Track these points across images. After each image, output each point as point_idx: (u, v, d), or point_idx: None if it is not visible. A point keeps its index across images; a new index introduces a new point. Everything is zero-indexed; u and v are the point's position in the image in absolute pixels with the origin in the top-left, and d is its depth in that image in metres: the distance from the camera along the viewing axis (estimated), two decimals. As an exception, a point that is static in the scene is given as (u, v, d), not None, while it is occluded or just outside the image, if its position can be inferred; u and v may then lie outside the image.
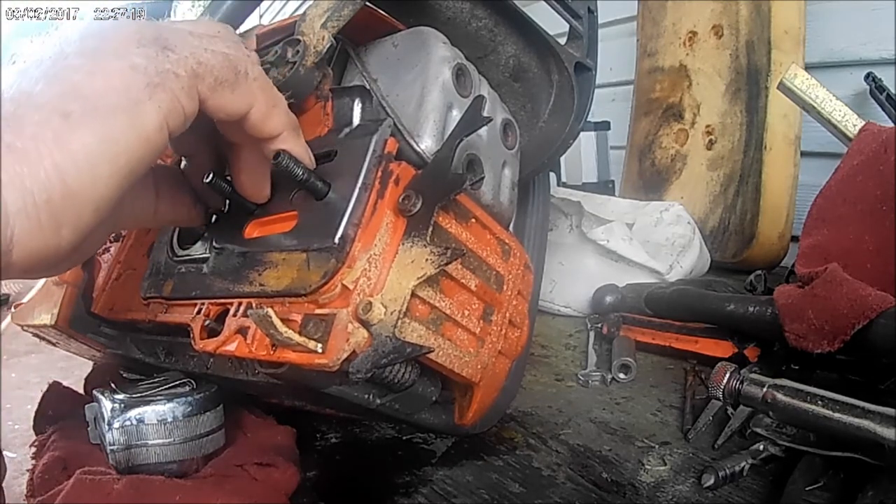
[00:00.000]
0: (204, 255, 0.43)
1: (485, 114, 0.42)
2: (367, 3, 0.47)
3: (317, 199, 0.38)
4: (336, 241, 0.35)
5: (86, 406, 0.48)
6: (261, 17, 3.89)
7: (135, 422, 0.43)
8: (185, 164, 0.42)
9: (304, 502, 0.46)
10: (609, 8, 0.78)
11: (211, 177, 0.39)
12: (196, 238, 0.45)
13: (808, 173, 1.05)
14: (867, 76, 1.02)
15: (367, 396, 0.40)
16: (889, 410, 0.40)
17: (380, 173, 0.37)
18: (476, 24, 0.53)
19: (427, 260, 0.36)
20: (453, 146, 0.39)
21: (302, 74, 0.42)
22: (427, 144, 0.42)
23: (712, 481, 0.44)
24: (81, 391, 0.57)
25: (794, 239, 1.02)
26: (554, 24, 0.58)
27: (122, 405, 0.44)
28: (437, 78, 0.44)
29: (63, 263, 0.33)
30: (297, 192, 0.39)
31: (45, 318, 0.53)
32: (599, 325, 0.79)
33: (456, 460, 0.51)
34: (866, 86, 1.02)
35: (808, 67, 1.00)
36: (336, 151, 0.40)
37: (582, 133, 0.65)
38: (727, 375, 0.49)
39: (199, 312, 0.42)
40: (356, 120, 0.42)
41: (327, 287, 0.35)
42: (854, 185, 0.65)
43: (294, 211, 0.39)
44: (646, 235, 0.96)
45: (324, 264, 0.35)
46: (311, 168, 0.38)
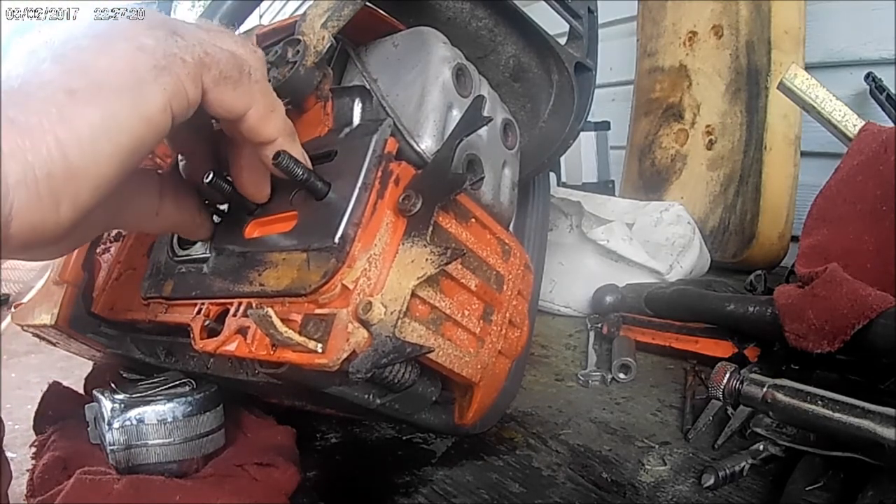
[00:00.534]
0: (204, 255, 0.43)
1: (485, 114, 0.42)
2: (367, 3, 0.47)
3: (317, 199, 0.38)
4: (336, 240, 0.35)
5: (86, 406, 0.48)
6: (261, 17, 3.89)
7: (135, 422, 0.43)
8: (183, 163, 0.42)
9: (304, 502, 0.46)
10: (609, 8, 0.78)
11: (211, 176, 0.39)
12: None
13: (808, 173, 1.05)
14: (867, 76, 1.02)
15: (367, 396, 0.40)
16: (889, 410, 0.40)
17: (380, 173, 0.37)
18: (476, 24, 0.53)
19: (427, 260, 0.36)
20: (453, 146, 0.39)
21: (302, 74, 0.42)
22: (427, 144, 0.42)
23: (712, 481, 0.44)
24: (81, 391, 0.57)
25: (794, 239, 1.02)
26: (554, 24, 0.58)
27: (122, 405, 0.44)
28: (438, 78, 0.44)
29: (61, 244, 0.33)
30: (297, 192, 0.39)
31: (45, 318, 0.53)
32: (599, 325, 0.79)
33: (456, 460, 0.51)
34: (866, 86, 1.02)
35: (808, 67, 1.00)
36: (336, 151, 0.40)
37: (582, 133, 0.65)
38: (727, 375, 0.49)
39: (199, 312, 0.42)
40: (356, 120, 0.42)
41: (327, 287, 0.35)
42: (854, 185, 0.65)
43: (294, 211, 0.39)
44: (646, 235, 0.96)
45: (324, 264, 0.35)
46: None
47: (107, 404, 0.44)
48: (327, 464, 0.52)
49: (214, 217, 0.43)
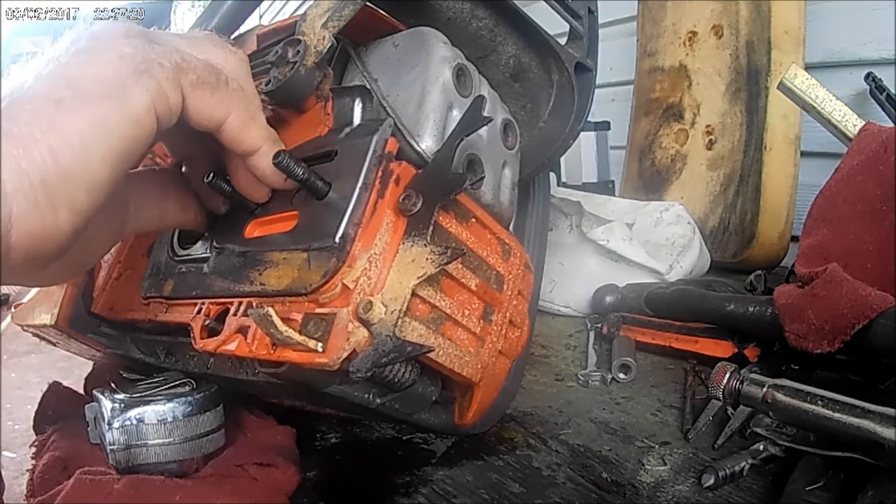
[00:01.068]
0: (204, 255, 0.43)
1: (485, 114, 0.42)
2: (368, 3, 0.47)
3: (317, 199, 0.38)
4: (336, 240, 0.35)
5: (86, 406, 0.48)
6: (261, 17, 3.89)
7: (135, 422, 0.43)
8: (185, 168, 0.43)
9: (304, 502, 0.46)
10: (609, 8, 0.78)
11: (211, 177, 0.39)
12: (196, 238, 0.45)
13: (808, 173, 1.05)
14: (867, 76, 1.02)
15: (367, 396, 0.40)
16: (889, 410, 0.40)
17: (380, 173, 0.37)
18: (476, 25, 0.53)
19: (427, 259, 0.36)
20: (453, 146, 0.39)
21: (302, 74, 0.42)
22: (427, 144, 0.42)
23: (712, 481, 0.44)
24: (81, 391, 0.57)
25: (794, 239, 1.02)
26: (554, 24, 0.58)
27: (122, 405, 0.44)
28: (438, 78, 0.44)
29: (67, 265, 0.33)
30: (297, 191, 0.39)
31: (45, 318, 0.53)
32: (599, 325, 0.79)
33: (456, 460, 0.51)
34: (866, 86, 1.02)
35: (808, 67, 1.00)
36: (336, 151, 0.40)
37: (582, 133, 0.65)
38: (727, 375, 0.49)
39: (199, 312, 0.42)
40: (356, 120, 0.42)
41: (328, 286, 0.35)
42: (854, 185, 0.65)
43: (294, 210, 0.39)
44: (646, 235, 0.96)
45: (324, 264, 0.35)
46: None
47: (107, 404, 0.44)
48: (327, 464, 0.52)
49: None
